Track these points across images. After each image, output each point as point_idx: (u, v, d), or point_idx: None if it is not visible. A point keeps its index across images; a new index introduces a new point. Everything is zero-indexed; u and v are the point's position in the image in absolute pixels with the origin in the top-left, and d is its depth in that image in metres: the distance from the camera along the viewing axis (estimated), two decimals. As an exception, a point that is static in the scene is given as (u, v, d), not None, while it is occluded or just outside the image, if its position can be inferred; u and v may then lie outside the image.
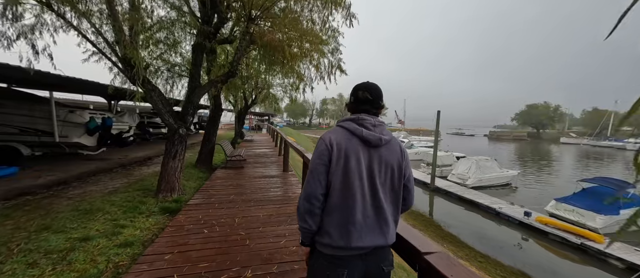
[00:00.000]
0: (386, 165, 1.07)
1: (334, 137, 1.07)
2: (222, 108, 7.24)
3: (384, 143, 1.08)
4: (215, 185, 4.86)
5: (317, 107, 59.09)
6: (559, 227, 8.38)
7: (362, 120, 1.08)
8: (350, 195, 1.02)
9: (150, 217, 3.21)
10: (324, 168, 1.04)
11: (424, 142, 29.63)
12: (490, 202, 10.98)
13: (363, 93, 1.14)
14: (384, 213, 1.06)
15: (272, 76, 11.25)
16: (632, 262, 6.57)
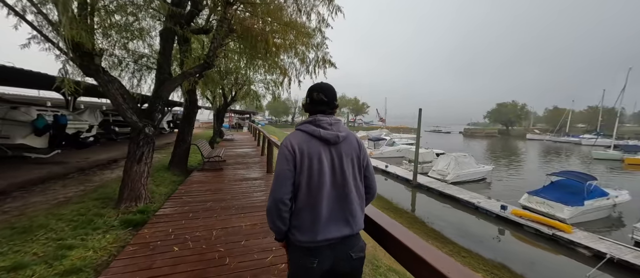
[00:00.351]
0: (346, 159, 1.14)
1: (295, 141, 1.11)
2: (198, 105, 6.63)
3: (342, 140, 1.15)
4: (191, 191, 4.35)
5: (299, 106, 58.56)
6: (532, 219, 8.81)
7: (319, 121, 1.14)
8: (316, 195, 1.08)
9: (108, 233, 2.69)
10: (290, 173, 1.08)
11: (405, 139, 30.37)
12: (470, 196, 11.36)
13: (318, 94, 1.19)
14: (349, 205, 1.12)
15: (254, 71, 10.68)
16: (598, 250, 7.02)
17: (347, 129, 1.20)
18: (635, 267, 6.34)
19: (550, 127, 51.33)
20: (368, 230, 1.23)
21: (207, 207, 3.54)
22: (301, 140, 1.13)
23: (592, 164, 22.63)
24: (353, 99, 58.17)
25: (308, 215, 1.08)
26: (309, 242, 1.08)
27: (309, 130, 1.14)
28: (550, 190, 10.38)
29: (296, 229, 1.10)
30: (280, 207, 1.07)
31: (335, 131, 1.14)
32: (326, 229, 1.08)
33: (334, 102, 1.22)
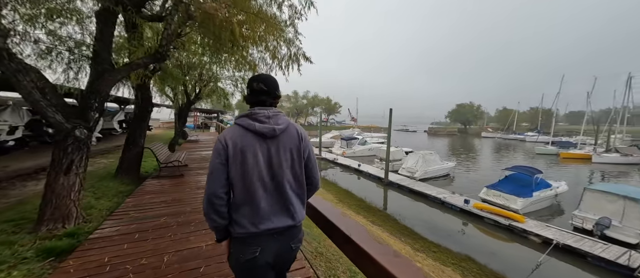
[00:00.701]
0: (285, 151, 1.13)
1: (229, 135, 1.11)
2: (152, 103, 5.82)
3: (280, 133, 1.13)
4: (141, 203, 3.70)
5: (271, 104, 57.15)
6: (491, 211, 9.52)
7: (255, 115, 1.13)
8: (251, 188, 1.08)
9: (16, 269, 2.05)
10: (222, 166, 1.07)
11: (376, 138, 31.30)
12: (436, 192, 11.95)
13: (257, 84, 1.17)
14: (289, 197, 1.13)
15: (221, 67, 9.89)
16: (546, 237, 7.78)
17: (287, 121, 1.19)
18: (577, 250, 7.15)
19: (501, 126, 57.43)
20: (317, 222, 1.26)
21: (160, 224, 2.98)
22: (236, 134, 1.11)
23: (535, 158, 25.65)
24: (326, 99, 58.40)
25: (247, 208, 1.08)
26: (250, 232, 1.07)
27: (244, 124, 1.12)
28: (505, 184, 11.34)
29: (237, 223, 1.09)
30: (214, 201, 1.06)
31: (272, 125, 1.13)
32: (268, 220, 1.09)
33: (275, 92, 1.20)
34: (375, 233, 6.41)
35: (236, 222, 1.09)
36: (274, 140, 1.13)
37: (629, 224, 7.77)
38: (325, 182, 13.88)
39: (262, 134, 1.11)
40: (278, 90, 1.21)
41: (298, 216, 1.15)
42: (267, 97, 1.18)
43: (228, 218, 1.10)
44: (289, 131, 1.17)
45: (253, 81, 1.19)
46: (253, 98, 1.18)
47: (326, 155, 22.03)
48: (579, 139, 32.29)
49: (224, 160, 1.07)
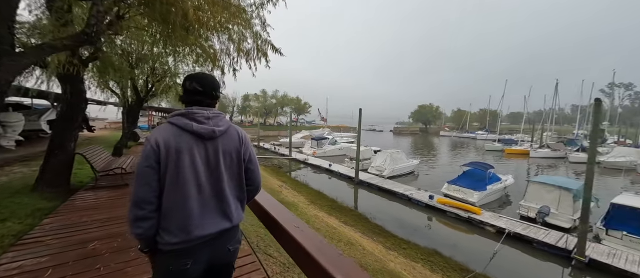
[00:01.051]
0: (225, 154, 1.11)
1: (161, 136, 1.03)
2: (87, 98, 4.85)
3: (220, 134, 1.11)
4: (65, 225, 2.93)
5: (238, 103, 54.26)
6: (452, 205, 10.15)
7: (193, 114, 1.07)
8: (185, 192, 1.02)
9: None
10: (152, 171, 1.00)
11: (345, 138, 31.80)
12: (404, 189, 12.41)
13: (191, 84, 1.11)
14: (226, 200, 1.11)
15: (177, 59, 8.90)
16: (499, 226, 8.50)
17: (228, 123, 1.17)
18: (524, 237, 7.92)
19: (456, 125, 63.03)
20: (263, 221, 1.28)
21: (87, 252, 2.32)
22: (169, 134, 1.04)
23: (485, 155, 28.55)
24: (295, 98, 57.70)
25: (179, 214, 1.02)
26: (181, 242, 1.01)
27: (180, 124, 1.06)
28: (463, 179, 12.24)
29: (165, 231, 1.02)
30: (143, 207, 0.98)
31: (211, 126, 1.09)
32: (201, 226, 1.04)
33: (213, 92, 1.15)
34: (347, 235, 6.28)
35: (165, 231, 1.01)
36: (213, 142, 1.09)
37: (564, 211, 8.89)
38: (296, 183, 13.51)
39: (200, 134, 1.06)
40: (216, 90, 1.16)
41: (235, 218, 1.14)
42: (203, 97, 1.12)
43: (156, 226, 1.02)
44: (229, 133, 1.15)
45: (187, 80, 1.13)
46: (187, 98, 1.12)
47: (297, 156, 21.63)
48: (519, 136, 36.95)
49: (155, 162, 1.00)
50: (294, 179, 14.82)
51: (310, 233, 0.97)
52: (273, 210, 1.24)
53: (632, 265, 6.10)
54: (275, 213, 1.20)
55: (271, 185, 10.31)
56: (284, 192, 10.10)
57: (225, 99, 50.92)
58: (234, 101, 52.25)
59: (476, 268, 6.29)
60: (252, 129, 46.85)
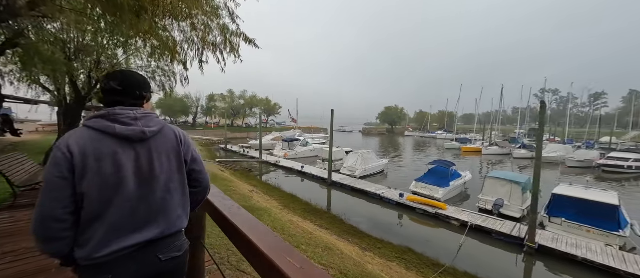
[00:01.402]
0: (159, 156, 1.04)
1: (75, 141, 0.91)
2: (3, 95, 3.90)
3: (152, 135, 1.03)
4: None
5: (203, 104, 50.81)
6: (421, 202, 10.64)
7: (116, 116, 0.97)
8: (109, 201, 0.93)
9: None
10: (64, 182, 0.88)
11: (317, 139, 31.79)
12: (375, 189, 12.70)
13: (108, 83, 1.01)
14: (164, 206, 1.04)
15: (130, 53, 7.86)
16: (463, 220, 9.12)
17: (161, 123, 1.08)
18: (484, 228, 8.59)
19: (419, 126, 67.50)
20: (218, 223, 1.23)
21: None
22: (86, 139, 0.93)
23: (445, 153, 30.94)
24: (265, 99, 56.11)
25: (99, 226, 0.92)
26: (100, 257, 0.91)
27: (99, 127, 0.95)
28: (429, 176, 12.96)
29: (82, 246, 0.91)
30: (50, 225, 0.86)
31: (140, 127, 0.99)
32: (125, 237, 0.95)
33: (136, 92, 1.05)
34: (324, 240, 6.10)
35: (81, 246, 0.92)
36: (144, 145, 1.01)
37: (514, 203, 9.88)
38: (268, 187, 12.97)
39: (127, 137, 0.97)
40: (142, 90, 1.06)
41: (174, 224, 1.07)
42: (125, 97, 1.03)
43: (72, 243, 0.92)
44: (164, 134, 1.07)
45: (104, 79, 1.05)
46: (106, 99, 1.02)
47: (267, 158, 20.92)
48: (473, 136, 40.93)
49: (68, 171, 0.88)
50: (265, 183, 14.23)
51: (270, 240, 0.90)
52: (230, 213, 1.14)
53: (572, 248, 6.97)
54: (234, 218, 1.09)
55: (241, 190, 9.69)
56: (256, 197, 9.56)
57: (188, 99, 47.41)
58: (198, 101, 48.87)
59: (446, 262, 6.60)
60: (218, 130, 44.34)
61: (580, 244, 7.16)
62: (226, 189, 9.08)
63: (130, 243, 0.96)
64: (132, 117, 0.99)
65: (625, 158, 19.88)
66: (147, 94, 1.09)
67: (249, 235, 0.95)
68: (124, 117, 0.98)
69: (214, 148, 29.14)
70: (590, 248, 6.94)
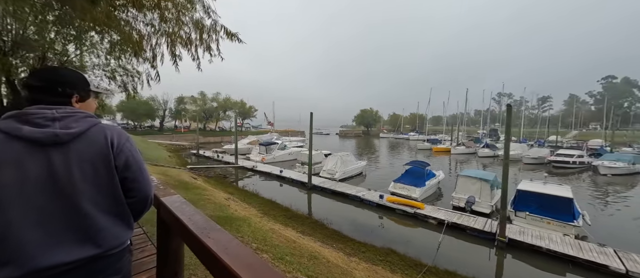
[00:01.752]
0: (82, 162, 0.91)
1: None
2: None
3: (70, 139, 0.90)
4: None
5: (171, 107, 47.45)
6: (400, 202, 10.88)
7: (27, 116, 0.88)
8: (9, 217, 0.82)
9: None
10: None
11: (295, 142, 31.38)
12: (356, 191, 12.75)
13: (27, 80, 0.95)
14: (89, 220, 0.91)
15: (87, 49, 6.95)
16: (440, 218, 9.47)
17: (90, 123, 0.96)
18: (459, 225, 8.99)
19: (392, 128, 70.20)
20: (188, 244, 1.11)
21: None
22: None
23: (418, 153, 32.41)
24: (239, 102, 54.19)
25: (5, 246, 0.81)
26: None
27: (6, 128, 0.85)
28: (406, 177, 13.35)
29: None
30: None
31: (54, 129, 0.88)
32: (40, 256, 0.83)
33: (57, 88, 0.94)
34: (309, 248, 5.87)
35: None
36: (60, 149, 0.88)
37: (484, 200, 10.52)
38: (245, 194, 12.36)
39: (37, 140, 0.85)
40: (66, 86, 0.96)
41: (107, 242, 0.94)
42: (43, 95, 0.93)
43: None
44: (89, 137, 0.94)
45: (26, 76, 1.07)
46: (28, 97, 0.93)
47: (244, 163, 20.07)
48: (442, 136, 43.52)
49: None
50: (242, 189, 13.56)
51: (236, 251, 0.81)
52: (202, 233, 0.98)
53: (537, 240, 7.55)
54: (206, 239, 0.93)
55: (217, 198, 9.06)
56: (233, 205, 9.00)
57: (154, 102, 44.04)
58: (166, 104, 45.58)
59: (427, 261, 6.73)
60: (189, 135, 41.77)
61: (544, 235, 7.79)
62: (199, 198, 8.42)
63: (49, 263, 0.83)
64: (49, 117, 0.88)
65: (571, 155, 22.48)
66: (77, 93, 0.97)
67: (225, 260, 0.80)
68: (37, 117, 0.87)
69: (184, 154, 27.31)
70: (552, 238, 7.58)
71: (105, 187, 0.96)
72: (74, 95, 0.97)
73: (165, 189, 1.36)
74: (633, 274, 5.93)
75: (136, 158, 1.05)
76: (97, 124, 0.98)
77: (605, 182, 17.39)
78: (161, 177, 11.05)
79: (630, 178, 18.48)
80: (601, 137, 40.99)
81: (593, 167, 20.66)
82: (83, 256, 0.89)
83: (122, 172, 1.00)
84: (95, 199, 0.93)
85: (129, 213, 1.04)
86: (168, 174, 12.22)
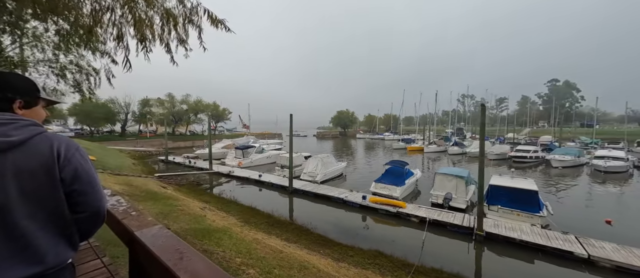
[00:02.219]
0: (19, 174, 0.85)
1: None
2: None
3: (9, 147, 0.84)
4: None
5: (134, 109, 43.47)
6: (383, 202, 10.98)
7: None
8: None
9: None
10: None
11: (273, 145, 30.59)
12: (338, 193, 12.65)
13: None
14: (27, 236, 0.86)
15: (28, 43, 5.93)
16: (421, 216, 9.70)
17: (32, 131, 0.90)
18: (440, 222, 9.27)
19: (368, 128, 72.02)
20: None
21: None
22: None
23: (394, 153, 33.51)
24: (212, 104, 51.56)
25: None
26: None
27: None
28: (386, 176, 13.56)
29: None
30: None
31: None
32: None
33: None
34: (297, 257, 5.55)
35: None
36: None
37: (460, 195, 11.03)
38: (222, 202, 11.58)
39: None
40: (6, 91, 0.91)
41: (49, 259, 0.89)
42: None
43: None
44: (32, 146, 0.88)
45: None
46: None
47: (219, 169, 18.98)
48: (415, 136, 45.57)
49: None
50: (219, 197, 12.72)
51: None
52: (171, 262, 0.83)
53: (510, 232, 8.03)
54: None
55: (191, 209, 8.30)
56: (210, 215, 8.32)
57: (114, 105, 40.06)
58: (128, 106, 41.69)
59: (414, 260, 6.78)
60: (156, 140, 38.71)
61: (515, 227, 8.32)
62: (171, 209, 7.64)
63: None
64: None
65: (528, 150, 24.82)
66: (21, 98, 0.93)
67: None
68: None
69: (151, 160, 25.14)
70: (523, 229, 8.12)
71: (47, 202, 0.90)
72: (17, 100, 0.93)
73: (141, 216, 1.01)
74: (594, 258, 6.53)
75: (86, 170, 0.98)
76: (41, 133, 0.92)
77: (557, 174, 19.41)
78: (125, 187, 9.89)
79: (577, 170, 20.90)
80: (550, 134, 46.09)
81: (546, 161, 23.00)
82: (19, 276, 0.84)
83: (70, 185, 0.93)
84: (34, 215, 0.88)
85: (74, 230, 0.97)
86: (133, 184, 11.02)
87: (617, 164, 18.98)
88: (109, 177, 11.80)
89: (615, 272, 6.36)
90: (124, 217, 1.01)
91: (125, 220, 1.00)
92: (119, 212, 1.08)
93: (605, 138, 42.51)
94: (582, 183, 16.69)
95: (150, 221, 0.99)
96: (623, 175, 18.77)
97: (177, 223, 6.28)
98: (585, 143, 36.24)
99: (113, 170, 14.21)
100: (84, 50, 3.26)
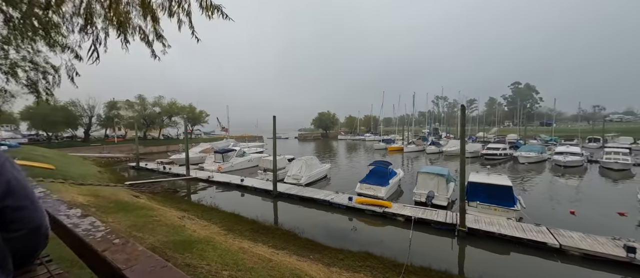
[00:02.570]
0: None
1: None
2: None
3: None
4: None
5: (100, 113, 39.93)
6: (369, 203, 11.04)
7: None
8: None
9: None
10: None
11: (253, 148, 29.75)
12: (324, 195, 12.51)
13: None
14: None
15: None
16: (407, 215, 9.87)
17: None
18: (425, 220, 9.49)
19: (349, 130, 72.96)
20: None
21: None
22: None
23: (375, 153, 34.17)
24: (188, 106, 49.05)
25: None
26: None
27: None
28: (371, 177, 13.69)
29: None
30: None
31: None
32: None
33: None
34: (288, 265, 5.30)
35: None
36: None
37: (442, 193, 11.42)
38: (202, 209, 10.92)
39: None
40: None
41: None
42: None
43: None
44: None
45: None
46: None
47: (197, 174, 17.99)
48: (394, 136, 46.94)
49: None
50: (198, 204, 12.00)
51: None
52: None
53: (489, 226, 8.42)
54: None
55: (168, 219, 7.68)
56: (190, 224, 7.75)
57: (76, 107, 36.53)
58: (92, 110, 38.25)
59: (403, 260, 6.83)
60: (125, 145, 36.01)
61: (494, 221, 8.75)
62: (146, 221, 7.00)
63: None
64: None
65: (497, 148, 26.58)
66: None
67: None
68: None
69: (120, 167, 23.22)
70: (501, 223, 8.56)
71: None
72: None
73: (128, 245, 0.79)
74: (565, 247, 7.04)
75: (21, 183, 0.90)
76: None
77: (524, 169, 20.96)
78: (91, 199, 8.94)
79: (541, 165, 22.76)
80: (516, 132, 49.91)
81: (514, 158, 24.79)
82: None
83: (2, 201, 0.85)
84: None
85: (7, 252, 0.86)
86: (100, 195, 10.00)
87: (574, 159, 20.96)
88: (71, 188, 10.62)
89: (583, 259, 6.91)
90: (104, 249, 0.78)
91: (107, 253, 0.76)
92: (96, 240, 0.85)
93: (562, 135, 46.94)
94: (545, 177, 18.17)
95: (141, 252, 0.77)
96: (579, 168, 20.78)
97: (153, 235, 5.75)
98: (546, 140, 39.68)
99: (76, 180, 12.84)
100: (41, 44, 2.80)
